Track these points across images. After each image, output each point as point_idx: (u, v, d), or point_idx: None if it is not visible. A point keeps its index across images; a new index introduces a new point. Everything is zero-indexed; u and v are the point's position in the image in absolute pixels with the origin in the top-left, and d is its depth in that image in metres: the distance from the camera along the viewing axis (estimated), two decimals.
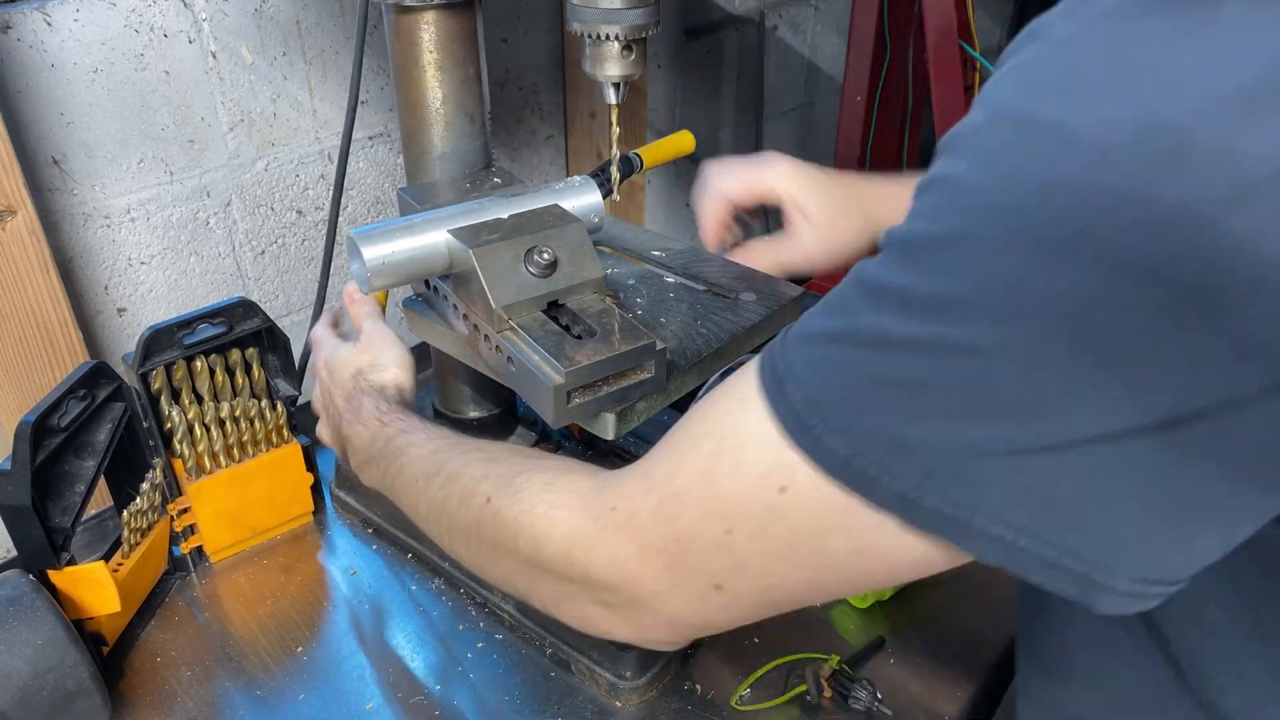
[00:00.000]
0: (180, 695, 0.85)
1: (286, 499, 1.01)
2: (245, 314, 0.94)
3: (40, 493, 0.80)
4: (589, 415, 0.74)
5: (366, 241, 0.74)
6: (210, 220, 1.18)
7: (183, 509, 0.95)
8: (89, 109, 1.03)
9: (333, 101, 1.24)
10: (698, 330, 0.83)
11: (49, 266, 0.98)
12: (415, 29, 0.86)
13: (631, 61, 0.83)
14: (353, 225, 1.34)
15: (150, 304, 1.16)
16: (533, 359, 0.71)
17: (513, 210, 0.79)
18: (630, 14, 0.79)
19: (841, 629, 0.91)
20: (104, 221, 1.08)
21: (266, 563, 0.99)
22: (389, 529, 1.00)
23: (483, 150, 0.94)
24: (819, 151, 2.35)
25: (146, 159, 1.09)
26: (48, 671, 0.75)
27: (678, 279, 0.92)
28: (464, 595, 0.94)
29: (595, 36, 0.81)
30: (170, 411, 0.92)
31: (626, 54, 0.82)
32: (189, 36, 1.08)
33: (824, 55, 2.20)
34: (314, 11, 1.18)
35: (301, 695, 0.84)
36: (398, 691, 0.85)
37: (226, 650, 0.89)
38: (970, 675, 0.86)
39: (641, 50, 0.83)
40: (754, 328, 0.86)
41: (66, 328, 1.01)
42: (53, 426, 0.81)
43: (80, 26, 0.99)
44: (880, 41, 1.59)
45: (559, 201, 0.81)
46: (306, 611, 0.93)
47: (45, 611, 0.76)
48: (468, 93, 0.90)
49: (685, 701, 0.84)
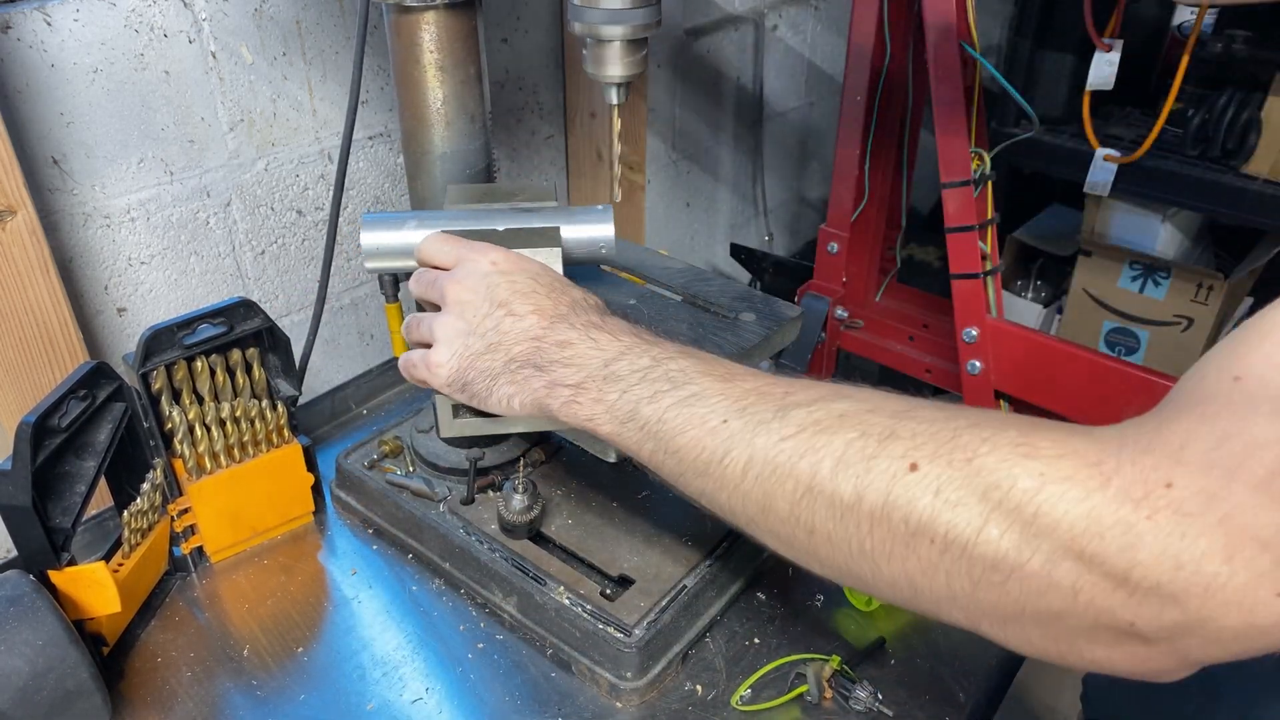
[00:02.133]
0: (180, 695, 0.85)
1: (287, 499, 1.01)
2: (245, 314, 0.94)
3: (40, 493, 0.80)
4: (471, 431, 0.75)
5: (368, 226, 0.82)
6: (210, 220, 1.18)
7: (183, 509, 0.95)
8: (89, 109, 1.03)
9: (333, 101, 1.24)
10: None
11: (49, 266, 0.98)
12: (415, 29, 0.86)
13: (633, 62, 0.83)
14: (352, 225, 1.34)
15: (150, 304, 1.16)
16: None
17: (513, 224, 0.80)
18: (632, 14, 0.79)
19: (841, 629, 0.91)
20: (104, 221, 1.08)
21: (267, 563, 0.99)
22: (389, 529, 1.00)
23: (483, 150, 0.94)
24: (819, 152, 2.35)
25: (146, 159, 1.09)
26: (48, 671, 0.75)
27: (678, 298, 0.92)
28: (464, 595, 0.94)
29: (597, 37, 0.81)
30: (170, 411, 0.92)
31: (628, 54, 0.82)
32: (189, 36, 1.08)
33: (824, 55, 2.20)
34: (314, 11, 1.18)
35: (301, 695, 0.84)
36: (398, 691, 0.85)
37: (226, 650, 0.89)
38: (970, 676, 0.86)
39: (643, 50, 0.83)
40: (753, 348, 0.86)
41: (66, 328, 1.01)
42: (53, 427, 0.81)
43: (80, 26, 0.99)
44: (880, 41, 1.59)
45: (570, 225, 0.82)
46: (306, 611, 0.93)
47: (45, 612, 0.75)
48: (468, 93, 0.90)
49: (685, 702, 0.84)
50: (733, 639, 0.90)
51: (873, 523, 0.46)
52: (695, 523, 0.93)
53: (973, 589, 0.43)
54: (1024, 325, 1.61)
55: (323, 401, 1.20)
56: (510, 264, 0.71)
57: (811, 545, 0.49)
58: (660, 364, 0.59)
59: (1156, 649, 0.39)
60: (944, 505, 0.43)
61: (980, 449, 0.43)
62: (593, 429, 0.61)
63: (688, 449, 0.55)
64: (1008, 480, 0.41)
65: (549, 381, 0.63)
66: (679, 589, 0.87)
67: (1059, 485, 0.40)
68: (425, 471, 1.01)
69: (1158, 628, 0.38)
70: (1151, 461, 0.39)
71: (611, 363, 0.61)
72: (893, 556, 0.45)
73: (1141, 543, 0.38)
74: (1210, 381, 0.40)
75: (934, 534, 0.43)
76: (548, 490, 0.98)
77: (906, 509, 0.44)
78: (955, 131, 1.48)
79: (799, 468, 0.49)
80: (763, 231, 2.27)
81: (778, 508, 0.50)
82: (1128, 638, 0.40)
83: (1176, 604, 0.37)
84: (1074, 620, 0.41)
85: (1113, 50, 1.61)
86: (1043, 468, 0.41)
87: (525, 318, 0.66)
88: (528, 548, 0.91)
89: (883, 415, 0.48)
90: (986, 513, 0.41)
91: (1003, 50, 2.45)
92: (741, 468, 0.52)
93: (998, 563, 0.41)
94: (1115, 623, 0.39)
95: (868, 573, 0.47)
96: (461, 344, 0.68)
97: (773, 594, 0.94)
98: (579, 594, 0.86)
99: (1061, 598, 0.40)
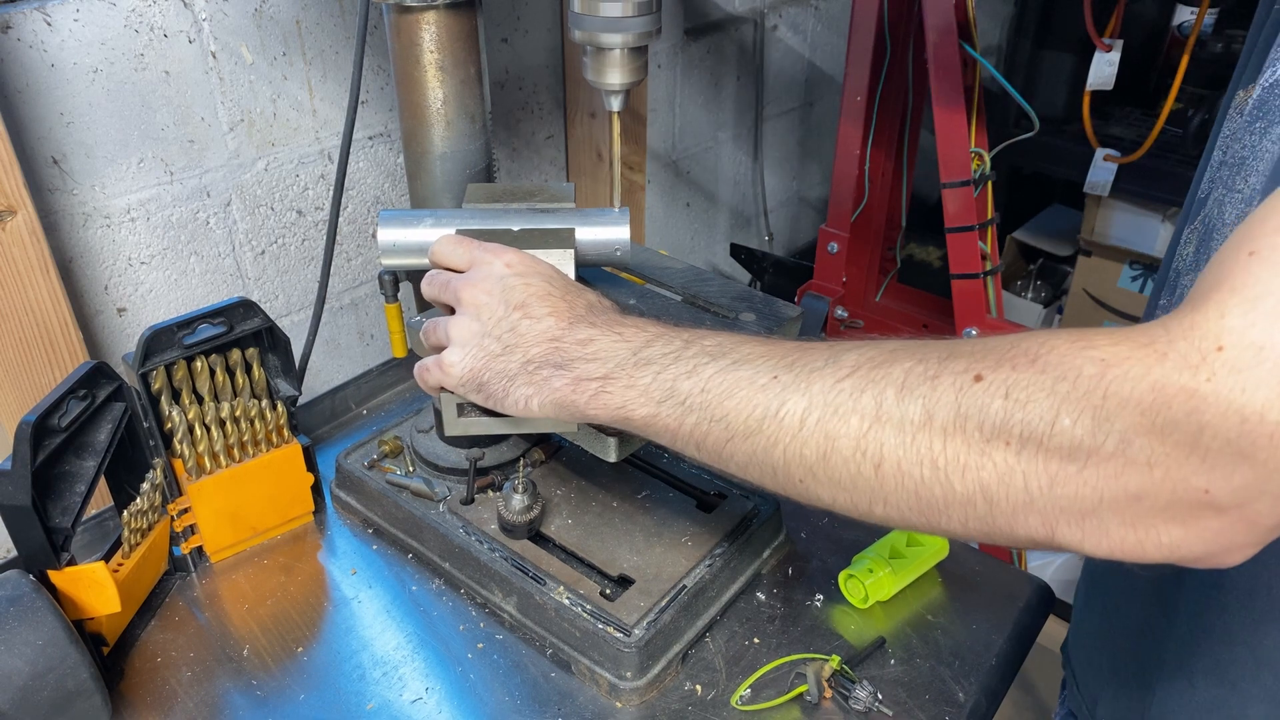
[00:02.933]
0: (180, 695, 0.85)
1: (287, 499, 1.01)
2: (245, 314, 0.94)
3: (40, 493, 0.80)
4: (477, 430, 0.74)
5: (385, 223, 0.81)
6: (210, 220, 1.18)
7: (183, 509, 0.95)
8: (89, 109, 1.03)
9: (333, 101, 1.24)
10: None
11: (49, 266, 0.98)
12: (416, 29, 0.86)
13: (634, 69, 0.83)
14: (353, 225, 1.35)
15: (150, 304, 1.16)
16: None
17: (529, 224, 0.80)
18: (632, 22, 0.79)
19: (841, 629, 0.91)
20: (104, 221, 1.08)
21: (267, 563, 0.99)
22: (389, 529, 1.00)
23: (483, 150, 0.94)
24: (819, 152, 2.35)
25: (146, 159, 1.09)
26: (48, 672, 0.75)
27: (678, 298, 0.92)
28: (464, 595, 0.94)
29: (597, 45, 0.81)
30: (170, 411, 0.92)
31: (629, 62, 0.82)
32: (189, 36, 1.08)
33: (824, 55, 2.20)
34: (314, 11, 1.18)
35: (301, 695, 0.84)
36: (398, 691, 0.85)
37: (226, 650, 0.89)
38: (970, 675, 0.86)
39: (643, 58, 0.83)
40: None
41: (66, 328, 1.01)
42: (53, 426, 0.81)
43: (80, 26, 0.99)
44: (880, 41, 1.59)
45: (585, 226, 0.82)
46: (306, 611, 0.93)
47: (45, 612, 0.75)
48: (468, 93, 0.90)
49: (685, 701, 0.84)
50: (732, 639, 0.90)
51: (946, 437, 0.46)
52: (695, 523, 0.94)
53: (1050, 485, 0.44)
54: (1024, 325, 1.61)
55: (323, 401, 1.20)
56: (525, 266, 0.71)
57: (878, 480, 0.49)
58: (694, 344, 0.60)
59: (1229, 518, 0.41)
60: (1015, 405, 0.44)
61: (1041, 350, 0.44)
62: (625, 416, 0.61)
63: (736, 411, 0.55)
64: (1073, 371, 0.43)
65: (573, 378, 0.63)
66: (679, 589, 0.87)
67: (1121, 366, 0.42)
68: (425, 471, 1.01)
69: (1230, 490, 0.40)
70: (1200, 333, 0.41)
71: (641, 350, 0.62)
72: (967, 469, 0.46)
73: (1206, 405, 0.39)
74: (1228, 263, 0.42)
75: (1009, 435, 0.44)
76: (547, 490, 0.98)
77: (979, 416, 0.45)
78: (955, 131, 1.48)
79: (862, 401, 0.49)
80: (763, 231, 2.27)
81: (841, 448, 0.50)
82: (1203, 509, 0.41)
83: (1245, 460, 0.39)
84: (1150, 500, 0.42)
85: (1113, 50, 1.61)
86: (1103, 354, 0.42)
87: (542, 320, 0.67)
88: (527, 547, 0.91)
89: (937, 344, 0.49)
90: (1057, 404, 0.43)
91: (1003, 50, 2.45)
92: (800, 416, 0.51)
93: (1074, 451, 0.43)
94: (1190, 492, 0.41)
95: (940, 496, 0.47)
96: (476, 345, 0.68)
97: (772, 594, 0.94)
98: (579, 594, 0.86)
99: (1138, 475, 0.42)
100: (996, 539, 0.48)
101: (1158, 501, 0.42)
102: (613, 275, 0.96)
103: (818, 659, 0.86)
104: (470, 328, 0.69)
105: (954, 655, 0.88)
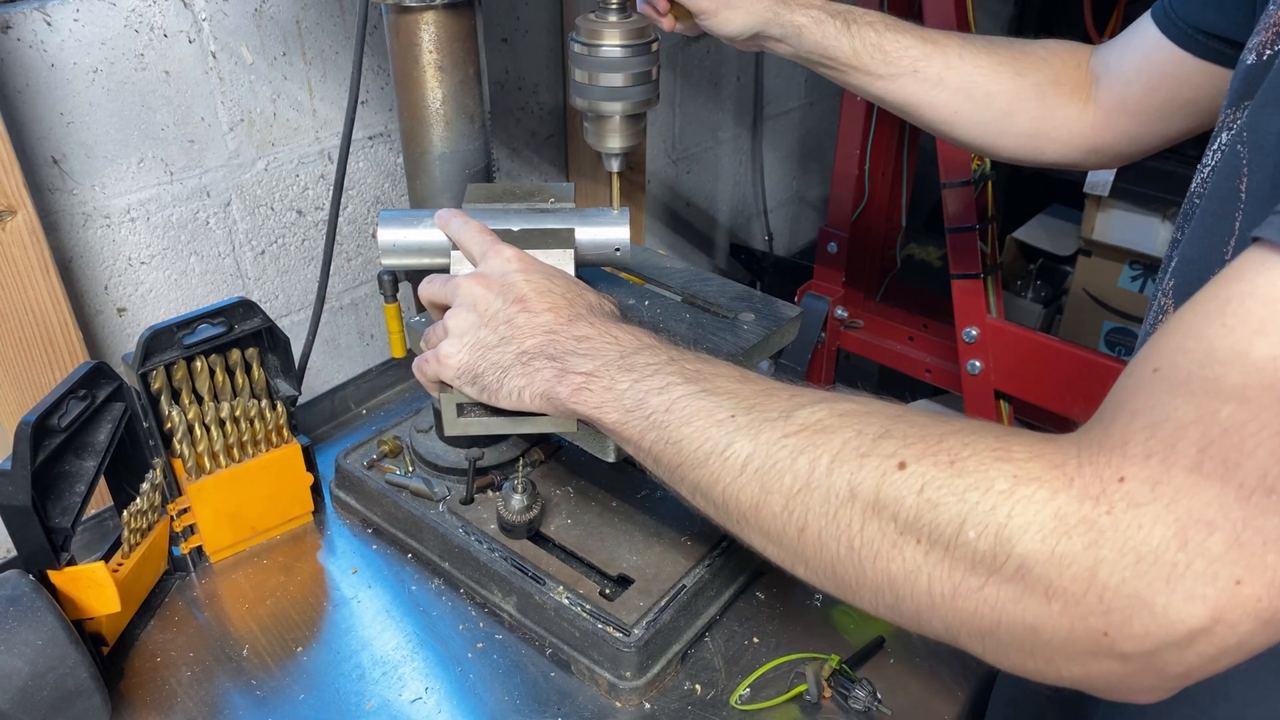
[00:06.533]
0: (180, 695, 0.85)
1: (286, 499, 1.01)
2: (245, 314, 0.94)
3: (40, 493, 0.80)
4: (477, 430, 0.74)
5: (385, 223, 0.82)
6: (210, 220, 1.18)
7: (183, 509, 0.95)
8: (89, 109, 1.03)
9: (333, 101, 1.24)
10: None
11: (49, 266, 0.98)
12: (415, 29, 0.86)
13: (632, 134, 0.85)
14: (352, 225, 1.35)
15: (150, 304, 1.16)
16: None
17: (529, 225, 0.80)
18: (630, 92, 0.81)
19: (841, 629, 0.91)
20: (104, 221, 1.08)
21: (266, 563, 0.99)
22: (388, 529, 1.00)
23: (482, 150, 0.94)
24: (819, 152, 2.35)
25: (146, 159, 1.10)
26: (48, 671, 0.75)
27: (678, 298, 0.92)
28: (464, 595, 0.94)
29: (597, 113, 0.83)
30: (170, 411, 0.92)
31: (627, 127, 0.84)
32: (189, 36, 1.08)
33: None
34: (314, 11, 1.18)
35: (301, 695, 0.84)
36: (397, 691, 0.85)
37: (226, 650, 0.89)
38: (969, 675, 0.86)
39: (641, 123, 0.85)
40: (753, 348, 0.86)
41: (66, 328, 1.01)
42: (53, 426, 0.81)
43: (80, 26, 0.99)
44: None
45: (585, 226, 0.82)
46: (306, 611, 0.93)
47: (45, 612, 0.76)
48: (467, 93, 0.90)
49: (685, 701, 0.84)
50: (732, 638, 0.90)
51: (864, 519, 0.46)
52: (694, 522, 0.94)
53: (952, 595, 0.43)
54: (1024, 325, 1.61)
55: (322, 401, 1.20)
56: (526, 264, 0.72)
57: (800, 544, 0.49)
58: (676, 362, 0.60)
59: (1132, 665, 0.39)
60: (926, 505, 0.43)
61: (962, 452, 0.43)
62: (598, 418, 0.61)
63: (690, 439, 0.55)
64: (985, 482, 0.42)
65: (561, 369, 0.64)
66: (678, 588, 0.87)
67: (1029, 487, 0.40)
68: (425, 471, 1.01)
69: (1129, 637, 0.38)
70: (1105, 458, 0.39)
71: (628, 355, 0.62)
72: (879, 557, 0.45)
73: (1104, 539, 0.38)
74: (1135, 378, 0.41)
75: (919, 533, 0.43)
76: (547, 490, 0.98)
77: (895, 506, 0.44)
78: None
79: (798, 463, 0.49)
80: (763, 231, 2.27)
81: (772, 503, 0.50)
82: (1102, 654, 0.39)
83: (1144, 605, 0.37)
84: (1048, 634, 0.40)
85: None
86: (1015, 470, 0.41)
87: (541, 314, 0.67)
88: (527, 547, 0.91)
89: (880, 416, 0.49)
90: (965, 514, 0.42)
91: None
92: (742, 461, 0.52)
93: (976, 565, 0.41)
94: (1088, 633, 0.39)
95: (853, 575, 0.47)
96: (473, 336, 0.69)
97: (772, 594, 0.94)
98: (578, 594, 0.86)
99: (1036, 605, 0.40)
100: (908, 628, 0.47)
101: (1055, 636, 0.40)
102: (613, 275, 0.96)
103: (817, 658, 0.86)
104: (468, 318, 0.70)
105: (953, 655, 0.88)
